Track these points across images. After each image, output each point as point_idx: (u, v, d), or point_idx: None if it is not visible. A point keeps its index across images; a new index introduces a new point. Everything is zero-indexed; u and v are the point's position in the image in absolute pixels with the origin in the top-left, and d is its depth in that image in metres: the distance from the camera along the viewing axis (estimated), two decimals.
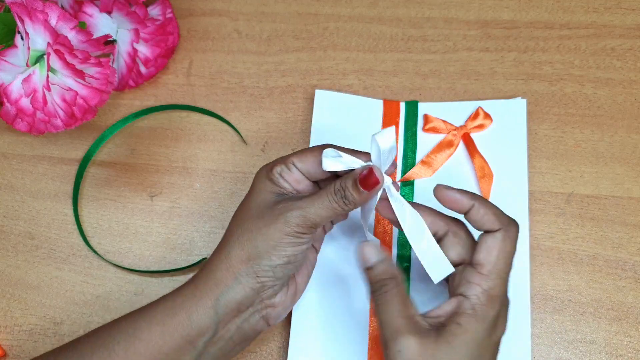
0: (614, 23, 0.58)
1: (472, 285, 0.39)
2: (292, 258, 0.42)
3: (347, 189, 0.41)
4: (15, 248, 0.55)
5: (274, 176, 0.43)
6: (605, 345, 0.48)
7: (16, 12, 0.47)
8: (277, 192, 0.43)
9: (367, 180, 0.40)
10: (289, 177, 0.43)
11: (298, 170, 0.43)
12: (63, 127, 0.53)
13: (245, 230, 0.42)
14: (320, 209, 0.41)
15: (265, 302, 0.42)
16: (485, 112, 0.54)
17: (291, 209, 0.41)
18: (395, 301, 0.39)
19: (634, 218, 0.51)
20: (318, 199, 0.41)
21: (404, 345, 0.38)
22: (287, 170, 0.43)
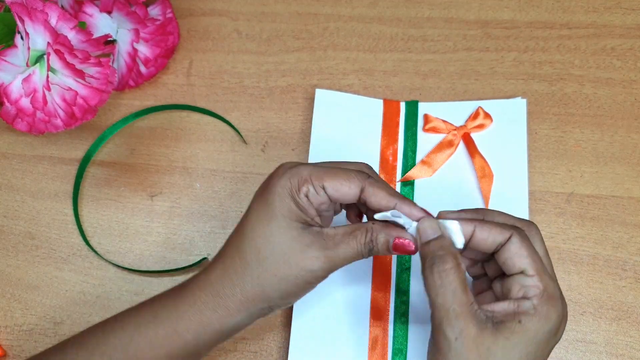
0: (614, 23, 0.58)
1: (529, 288, 0.37)
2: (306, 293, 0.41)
3: (377, 244, 0.39)
4: (16, 248, 0.55)
5: (300, 199, 0.39)
6: (605, 345, 0.48)
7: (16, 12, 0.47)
8: (302, 220, 0.39)
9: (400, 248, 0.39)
10: (315, 200, 0.39)
11: (326, 195, 0.40)
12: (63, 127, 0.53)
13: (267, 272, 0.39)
14: (347, 253, 0.39)
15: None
16: (486, 112, 0.54)
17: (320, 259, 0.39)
18: (456, 283, 0.36)
19: (634, 218, 0.51)
20: (346, 244, 0.39)
21: (462, 331, 0.35)
22: (315, 193, 0.39)
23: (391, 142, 0.55)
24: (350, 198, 0.40)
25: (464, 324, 0.36)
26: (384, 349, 0.48)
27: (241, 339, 0.50)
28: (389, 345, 0.48)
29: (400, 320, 0.48)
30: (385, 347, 0.48)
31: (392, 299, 0.49)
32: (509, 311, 0.37)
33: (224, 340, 0.42)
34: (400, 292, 0.49)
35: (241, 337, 0.50)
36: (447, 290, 0.36)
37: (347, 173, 0.40)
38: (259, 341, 0.50)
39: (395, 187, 0.53)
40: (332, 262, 0.39)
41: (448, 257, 0.37)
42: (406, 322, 0.48)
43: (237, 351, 0.50)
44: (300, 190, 0.39)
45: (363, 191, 0.39)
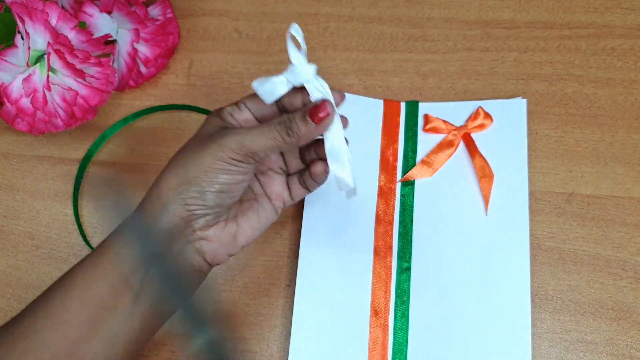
0: (614, 23, 0.58)
1: None
2: (225, 187, 0.40)
3: (293, 120, 0.40)
4: (16, 248, 0.55)
5: (223, 114, 0.42)
6: (605, 345, 0.48)
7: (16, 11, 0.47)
8: (224, 126, 0.42)
9: (317, 113, 0.40)
10: (238, 116, 0.42)
11: (248, 110, 0.43)
12: (63, 127, 0.53)
13: (182, 158, 0.41)
14: (260, 137, 0.40)
15: (198, 234, 0.41)
16: (486, 112, 0.54)
17: (228, 134, 0.40)
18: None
19: (634, 218, 0.51)
20: (260, 128, 0.40)
21: None
22: (238, 110, 0.42)
23: (391, 142, 0.55)
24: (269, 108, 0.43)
25: None
26: (384, 349, 0.48)
27: (241, 339, 0.50)
28: (389, 346, 0.48)
29: (400, 321, 0.48)
30: (385, 348, 0.48)
31: (392, 299, 0.49)
32: None
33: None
34: (400, 292, 0.49)
35: (241, 337, 0.50)
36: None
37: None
38: (259, 341, 0.50)
39: (396, 187, 0.53)
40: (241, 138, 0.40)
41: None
42: (406, 323, 0.48)
43: (237, 351, 0.50)
44: (225, 110, 0.42)
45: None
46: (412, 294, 0.49)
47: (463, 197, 0.52)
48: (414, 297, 0.49)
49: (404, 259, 0.50)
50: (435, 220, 0.51)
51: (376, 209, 0.52)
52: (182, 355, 0.50)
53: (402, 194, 0.52)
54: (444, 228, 0.51)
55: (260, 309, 0.51)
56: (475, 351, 0.47)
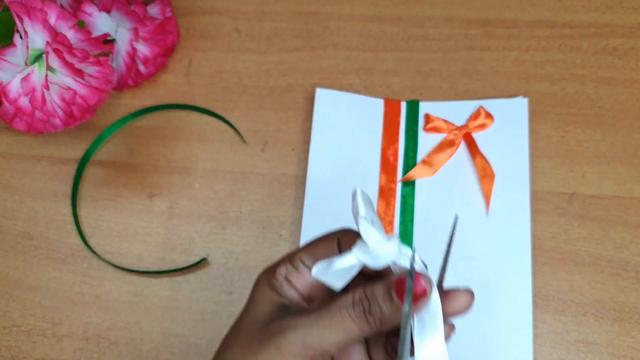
0: (615, 22, 0.58)
1: None
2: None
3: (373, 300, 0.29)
4: (14, 248, 0.54)
5: (277, 281, 0.32)
6: (607, 345, 0.48)
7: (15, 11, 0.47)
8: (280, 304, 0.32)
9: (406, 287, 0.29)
10: (297, 280, 0.32)
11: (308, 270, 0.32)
12: (62, 127, 0.53)
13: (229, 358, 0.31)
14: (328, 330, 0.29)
15: None
16: (487, 112, 0.54)
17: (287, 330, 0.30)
18: None
19: (636, 218, 0.51)
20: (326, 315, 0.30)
21: None
22: (295, 270, 0.33)
23: (392, 142, 0.54)
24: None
25: None
26: None
27: None
28: None
29: None
30: None
31: None
32: None
33: None
34: None
35: None
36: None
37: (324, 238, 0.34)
38: None
39: (396, 187, 0.53)
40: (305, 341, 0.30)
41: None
42: None
43: None
44: (277, 273, 0.33)
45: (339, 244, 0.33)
46: None
47: (464, 197, 0.52)
48: None
49: None
50: (435, 221, 0.51)
51: (376, 209, 0.52)
52: (182, 355, 0.50)
53: (402, 194, 0.52)
54: (445, 228, 0.51)
55: None
56: (477, 351, 0.47)
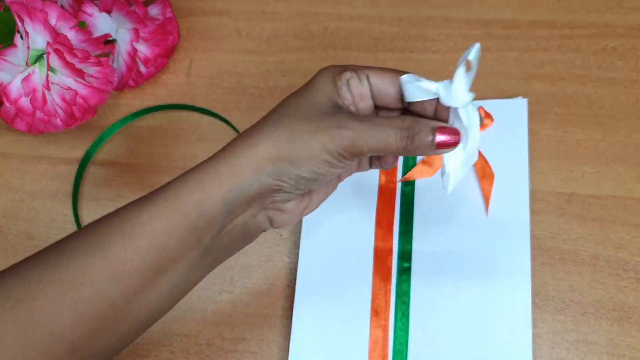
0: (615, 22, 0.58)
1: None
2: (321, 177, 0.37)
3: (420, 132, 0.36)
4: (15, 248, 0.55)
5: (340, 81, 0.38)
6: (606, 345, 0.48)
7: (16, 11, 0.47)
8: (336, 101, 0.38)
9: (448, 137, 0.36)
10: (355, 88, 0.38)
11: (369, 85, 0.38)
12: (63, 127, 0.53)
13: (285, 128, 0.37)
14: (375, 139, 0.36)
15: (277, 205, 0.39)
16: (486, 112, 0.54)
17: (344, 127, 0.36)
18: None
19: (635, 218, 0.51)
20: (377, 128, 0.36)
21: None
22: (358, 80, 0.38)
23: None
24: (393, 92, 0.38)
25: None
26: (385, 349, 0.48)
27: (241, 339, 0.50)
28: (390, 346, 0.48)
29: (400, 321, 0.48)
30: (385, 348, 0.48)
31: (392, 299, 0.49)
32: None
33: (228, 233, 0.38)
34: (400, 293, 0.49)
35: (241, 337, 0.50)
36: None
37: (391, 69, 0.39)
38: (259, 341, 0.50)
39: (396, 187, 0.53)
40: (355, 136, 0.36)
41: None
42: (407, 323, 0.48)
43: (237, 351, 0.49)
44: (343, 75, 0.38)
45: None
46: (412, 294, 0.49)
47: (463, 197, 0.52)
48: (414, 297, 0.49)
49: (404, 259, 0.50)
50: (435, 221, 0.51)
51: (376, 209, 0.52)
52: (182, 355, 0.50)
53: (402, 193, 0.52)
54: (445, 228, 0.51)
55: (260, 309, 0.51)
56: (476, 351, 0.47)
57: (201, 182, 0.37)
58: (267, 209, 0.39)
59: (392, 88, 0.38)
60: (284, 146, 0.36)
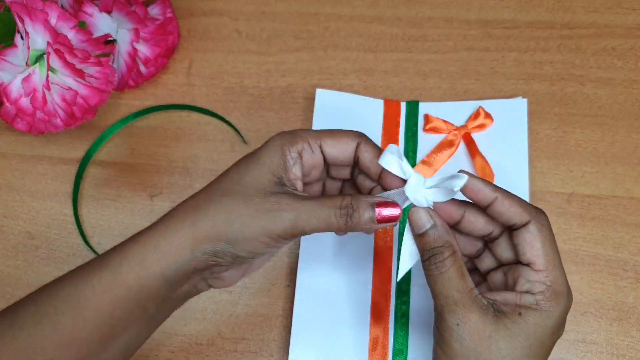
0: (614, 23, 0.58)
1: (534, 284, 0.36)
2: (259, 256, 0.38)
3: (357, 209, 0.36)
4: (15, 248, 0.55)
5: (290, 154, 0.38)
6: (606, 345, 0.48)
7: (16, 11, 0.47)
8: (280, 177, 0.38)
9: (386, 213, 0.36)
10: (308, 160, 0.39)
11: (322, 155, 0.39)
12: (63, 127, 0.53)
13: (224, 208, 0.37)
14: (316, 219, 0.36)
15: (215, 275, 0.39)
16: (486, 112, 0.54)
17: (285, 210, 0.36)
18: (453, 271, 0.36)
19: (634, 218, 0.51)
20: (317, 208, 0.36)
21: (464, 318, 0.35)
22: (310, 151, 0.38)
23: (391, 142, 0.55)
24: (346, 155, 0.39)
25: (464, 309, 0.35)
26: (385, 349, 0.48)
27: (241, 339, 0.50)
28: (390, 346, 0.48)
29: (400, 321, 0.48)
30: (385, 348, 0.48)
31: (392, 299, 0.49)
32: (510, 302, 0.36)
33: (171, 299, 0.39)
34: (400, 293, 0.49)
35: (241, 337, 0.50)
36: (445, 278, 0.36)
37: (342, 131, 0.39)
38: (259, 341, 0.50)
39: None
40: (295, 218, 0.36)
41: (444, 248, 0.37)
42: (407, 323, 0.48)
43: (237, 351, 0.50)
44: (294, 146, 0.38)
45: (358, 147, 0.39)
46: (412, 294, 0.49)
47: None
48: (414, 297, 0.49)
49: None
50: None
51: None
52: (182, 354, 0.50)
53: None
54: None
55: (260, 309, 0.51)
56: None
57: (141, 257, 0.37)
58: (205, 278, 0.39)
59: (346, 154, 0.39)
60: (222, 227, 0.37)
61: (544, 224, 0.37)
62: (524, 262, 0.37)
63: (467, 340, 0.35)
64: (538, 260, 0.37)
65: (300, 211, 0.36)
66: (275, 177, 0.38)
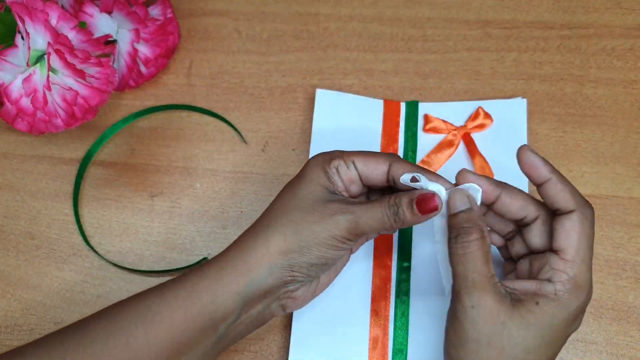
0: (614, 23, 0.58)
1: (557, 273, 0.37)
2: (330, 260, 0.41)
3: (400, 206, 0.39)
4: (16, 248, 0.55)
5: (330, 170, 0.41)
6: (605, 345, 0.48)
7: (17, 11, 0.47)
8: (329, 189, 0.41)
9: (424, 204, 0.39)
10: (344, 175, 0.41)
11: (356, 171, 0.41)
12: (63, 127, 0.53)
13: (291, 221, 0.40)
14: (371, 219, 0.39)
15: (289, 294, 0.41)
16: (486, 112, 0.54)
17: (344, 213, 0.39)
18: (478, 254, 0.37)
19: (634, 218, 0.51)
20: (371, 209, 0.39)
21: (480, 301, 0.36)
22: (346, 167, 0.41)
23: (391, 142, 0.55)
24: (379, 174, 0.41)
25: (481, 293, 0.36)
26: (385, 348, 0.48)
27: None
28: (389, 345, 0.48)
29: (400, 321, 0.48)
30: (385, 347, 0.48)
31: (392, 298, 0.49)
32: (529, 290, 0.37)
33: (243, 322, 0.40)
34: (400, 292, 0.49)
35: None
36: (469, 259, 0.37)
37: (375, 152, 0.42)
38: (259, 341, 0.50)
39: None
40: (355, 219, 0.39)
41: (473, 230, 0.38)
42: (406, 322, 0.48)
43: (237, 351, 0.50)
44: (331, 164, 0.41)
45: (390, 167, 0.41)
46: (412, 294, 0.49)
47: None
48: (414, 297, 0.49)
49: (404, 259, 0.50)
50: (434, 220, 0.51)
51: None
52: None
53: None
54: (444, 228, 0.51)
55: None
56: None
57: (219, 276, 0.39)
58: (280, 298, 0.41)
59: (376, 172, 0.41)
60: (292, 238, 0.39)
61: (588, 217, 0.38)
62: (554, 249, 0.38)
63: (480, 324, 0.36)
64: (569, 249, 0.37)
65: (358, 213, 0.39)
66: (325, 188, 0.41)
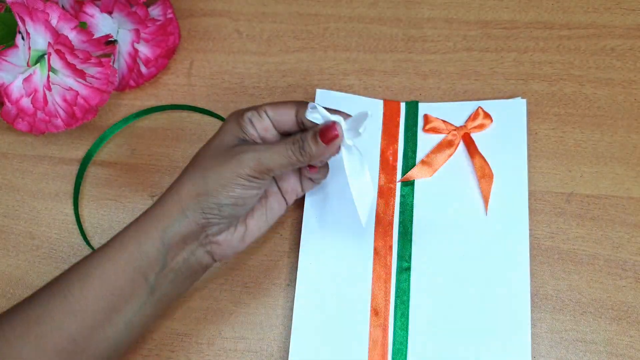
0: (613, 23, 0.58)
1: None
2: (240, 200, 0.43)
3: (306, 140, 0.42)
4: (16, 248, 0.55)
5: (243, 120, 0.44)
6: (605, 345, 0.48)
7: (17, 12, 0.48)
8: (241, 137, 0.44)
9: (327, 134, 0.41)
10: (258, 124, 0.44)
11: (269, 119, 0.44)
12: (64, 127, 0.53)
13: (199, 168, 0.43)
14: (276, 155, 0.42)
15: (210, 239, 0.44)
16: (485, 112, 0.54)
17: (247, 152, 0.42)
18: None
19: (634, 218, 0.51)
20: (276, 146, 0.42)
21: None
22: (258, 117, 0.44)
23: (391, 142, 0.55)
24: (289, 119, 0.44)
25: None
26: (384, 349, 0.48)
27: (241, 339, 0.50)
28: (389, 345, 0.48)
29: (400, 320, 0.48)
30: (385, 347, 0.48)
31: (392, 299, 0.49)
32: None
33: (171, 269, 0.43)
34: (400, 292, 0.49)
35: (241, 337, 0.50)
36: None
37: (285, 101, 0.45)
38: (259, 341, 0.50)
39: (396, 187, 0.53)
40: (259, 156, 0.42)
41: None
42: (406, 322, 0.48)
43: (238, 350, 0.50)
44: (245, 115, 0.44)
45: (298, 111, 0.44)
46: (412, 294, 0.49)
47: (463, 197, 0.52)
48: (414, 297, 0.49)
49: (404, 259, 0.50)
50: (435, 220, 0.51)
51: (376, 208, 0.52)
52: (182, 354, 0.50)
53: (402, 194, 0.53)
54: (444, 228, 0.51)
55: (260, 309, 0.51)
56: (475, 351, 0.47)
57: (141, 227, 0.43)
58: (203, 244, 0.44)
59: (287, 117, 0.44)
60: (201, 182, 0.43)
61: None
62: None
63: None
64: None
65: (261, 151, 0.42)
66: (237, 137, 0.44)
